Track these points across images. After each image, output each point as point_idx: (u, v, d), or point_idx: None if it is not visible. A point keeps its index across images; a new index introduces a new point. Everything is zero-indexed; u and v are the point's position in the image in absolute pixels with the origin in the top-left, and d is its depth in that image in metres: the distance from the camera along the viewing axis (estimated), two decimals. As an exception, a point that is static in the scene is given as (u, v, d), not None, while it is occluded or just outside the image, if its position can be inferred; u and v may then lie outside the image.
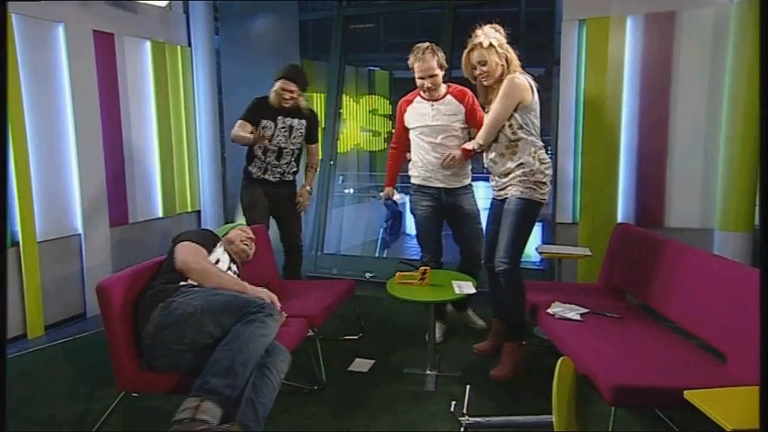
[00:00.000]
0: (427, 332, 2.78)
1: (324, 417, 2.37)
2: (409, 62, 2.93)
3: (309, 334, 2.70)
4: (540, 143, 2.61)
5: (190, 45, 4.53)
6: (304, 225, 5.28)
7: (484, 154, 2.72)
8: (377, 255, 5.98)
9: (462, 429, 1.99)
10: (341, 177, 6.14)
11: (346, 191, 7.07)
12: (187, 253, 2.19)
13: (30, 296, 3.36)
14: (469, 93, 3.00)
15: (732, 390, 1.74)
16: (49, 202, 3.50)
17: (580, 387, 2.01)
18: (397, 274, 2.79)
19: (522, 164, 2.57)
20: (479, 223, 3.11)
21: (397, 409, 2.41)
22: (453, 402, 2.01)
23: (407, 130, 3.11)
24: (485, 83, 2.61)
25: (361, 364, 2.85)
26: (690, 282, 2.23)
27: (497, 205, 2.72)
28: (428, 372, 2.69)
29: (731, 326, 1.96)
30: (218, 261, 2.34)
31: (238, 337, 1.89)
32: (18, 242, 3.30)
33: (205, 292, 2.08)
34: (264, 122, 3.32)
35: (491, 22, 2.62)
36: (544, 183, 2.58)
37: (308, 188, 3.57)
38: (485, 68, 2.57)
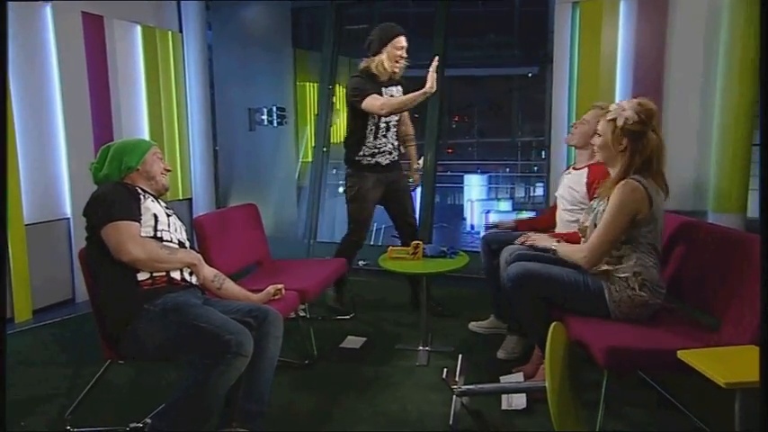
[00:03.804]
0: (419, 311, 2.76)
1: (313, 389, 2.35)
2: None
3: (302, 315, 2.68)
4: (652, 261, 2.05)
5: (181, 31, 4.50)
6: (298, 213, 5.26)
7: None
8: (371, 243, 5.96)
9: (454, 397, 1.97)
10: (335, 170, 6.12)
11: (340, 181, 7.05)
12: (122, 241, 1.78)
13: (17, 280, 3.31)
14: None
15: (723, 349, 1.73)
16: (37, 184, 3.46)
17: (572, 352, 1.99)
18: (390, 248, 2.77)
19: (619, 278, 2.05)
20: None
21: (389, 381, 2.40)
22: (445, 369, 1.99)
23: None
24: (597, 156, 2.21)
25: (353, 342, 2.83)
26: (681, 248, 2.22)
27: None
28: (420, 348, 2.67)
29: (723, 290, 1.94)
30: (156, 219, 1.93)
31: (205, 383, 1.68)
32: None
33: (168, 320, 1.78)
34: None
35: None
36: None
37: (416, 165, 3.37)
38: (598, 141, 2.13)
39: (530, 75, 16.85)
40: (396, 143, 3.22)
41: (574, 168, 2.70)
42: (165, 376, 2.42)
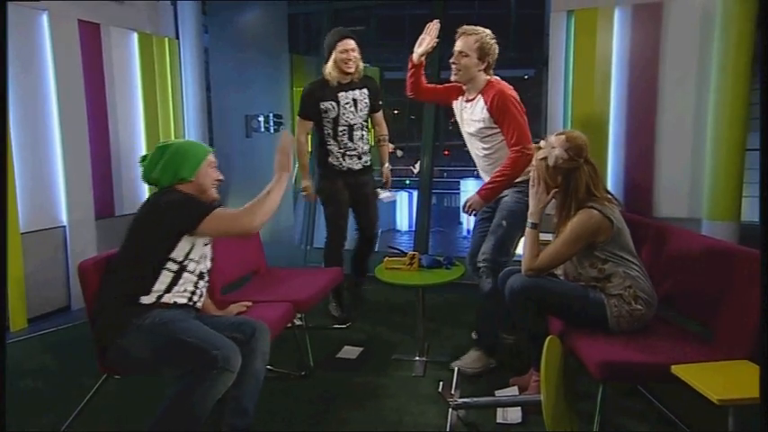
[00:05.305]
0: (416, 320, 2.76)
1: (310, 400, 2.35)
2: None
3: (297, 324, 2.68)
4: (636, 269, 2.07)
5: (177, 37, 4.49)
6: (294, 219, 5.25)
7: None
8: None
9: (450, 410, 1.97)
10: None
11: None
12: (230, 226, 1.85)
13: (12, 288, 3.29)
14: (496, 92, 2.50)
15: (717, 364, 1.74)
16: (32, 192, 3.45)
17: (568, 365, 2.00)
18: (386, 259, 2.77)
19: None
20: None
21: (385, 392, 2.40)
22: (440, 382, 2.00)
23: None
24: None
25: (350, 352, 2.83)
26: (676, 261, 2.23)
27: None
28: (417, 358, 2.68)
29: (718, 304, 1.95)
30: (192, 248, 1.90)
31: (190, 397, 1.68)
32: (0, 232, 3.25)
33: (154, 335, 1.78)
34: (325, 105, 3.09)
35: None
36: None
37: (387, 166, 3.40)
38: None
39: (526, 77, 16.87)
40: (365, 148, 3.26)
41: (466, 101, 2.68)
42: (162, 390, 2.41)
